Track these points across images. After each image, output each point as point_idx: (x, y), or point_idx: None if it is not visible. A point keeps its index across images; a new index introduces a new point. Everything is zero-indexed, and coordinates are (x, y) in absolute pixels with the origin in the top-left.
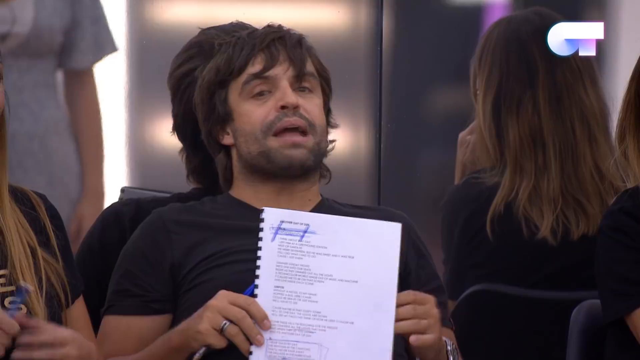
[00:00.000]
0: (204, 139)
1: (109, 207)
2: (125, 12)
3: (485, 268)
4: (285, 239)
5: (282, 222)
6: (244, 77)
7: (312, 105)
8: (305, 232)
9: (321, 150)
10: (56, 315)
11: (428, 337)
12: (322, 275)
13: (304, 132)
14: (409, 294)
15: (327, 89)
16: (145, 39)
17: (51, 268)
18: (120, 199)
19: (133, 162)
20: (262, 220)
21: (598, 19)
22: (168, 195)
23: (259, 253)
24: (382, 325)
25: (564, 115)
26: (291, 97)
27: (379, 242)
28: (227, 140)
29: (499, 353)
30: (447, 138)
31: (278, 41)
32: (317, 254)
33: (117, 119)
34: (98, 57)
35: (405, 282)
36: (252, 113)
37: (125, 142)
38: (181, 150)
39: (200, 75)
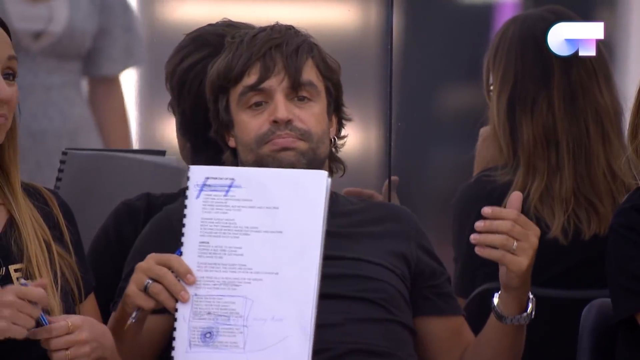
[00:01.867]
0: (213, 135)
1: (121, 203)
2: (136, 10)
3: (495, 266)
4: (210, 195)
5: (208, 178)
6: (239, 88)
7: (308, 115)
8: (230, 186)
9: (317, 155)
10: (71, 310)
11: (515, 259)
12: (247, 227)
13: (298, 138)
14: (513, 212)
15: (333, 90)
16: (156, 37)
17: (65, 263)
18: (61, 162)
19: None
20: (188, 178)
21: (608, 18)
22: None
23: (184, 211)
24: (306, 274)
25: (578, 115)
26: (282, 113)
27: (304, 191)
28: (232, 143)
29: None
30: (458, 136)
31: (275, 49)
32: (242, 207)
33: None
34: (126, 65)
35: (419, 279)
36: (247, 124)
37: (136, 139)
38: (183, 150)
39: (209, 71)
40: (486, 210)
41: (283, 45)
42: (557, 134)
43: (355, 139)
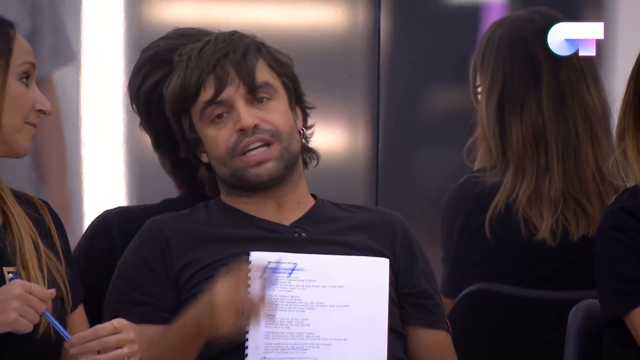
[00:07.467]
0: (183, 154)
1: (98, 216)
2: (123, 12)
3: (483, 267)
4: (273, 276)
5: (270, 262)
6: (199, 104)
7: (273, 114)
8: (293, 269)
9: (291, 152)
10: (61, 318)
11: None
12: (312, 303)
13: (268, 144)
14: None
15: (290, 84)
16: (143, 39)
17: (57, 271)
18: None
19: (131, 161)
20: (249, 262)
21: (596, 19)
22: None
23: (249, 288)
24: (376, 341)
25: (567, 115)
26: (247, 120)
27: (367, 274)
28: (205, 158)
29: (496, 352)
30: (445, 137)
31: (224, 59)
32: (306, 286)
33: (115, 119)
34: (53, 66)
35: (394, 281)
36: (214, 138)
37: (124, 141)
38: (164, 165)
39: (165, 93)
40: None
41: (230, 53)
42: (546, 135)
43: (343, 140)
